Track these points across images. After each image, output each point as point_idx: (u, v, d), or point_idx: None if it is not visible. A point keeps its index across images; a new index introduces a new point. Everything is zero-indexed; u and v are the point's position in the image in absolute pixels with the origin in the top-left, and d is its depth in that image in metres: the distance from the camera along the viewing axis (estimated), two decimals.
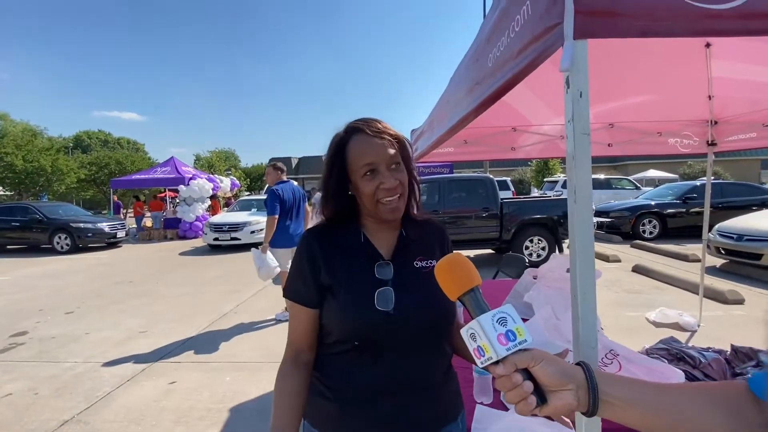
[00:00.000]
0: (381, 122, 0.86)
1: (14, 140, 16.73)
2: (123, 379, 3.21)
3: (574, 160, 0.57)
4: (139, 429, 2.52)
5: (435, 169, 13.41)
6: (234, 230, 10.14)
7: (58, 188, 18.23)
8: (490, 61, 0.97)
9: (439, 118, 2.05)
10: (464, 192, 7.34)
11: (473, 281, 0.59)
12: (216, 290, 6.04)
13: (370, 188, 0.82)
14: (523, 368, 0.50)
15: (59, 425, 2.59)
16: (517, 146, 4.16)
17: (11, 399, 2.95)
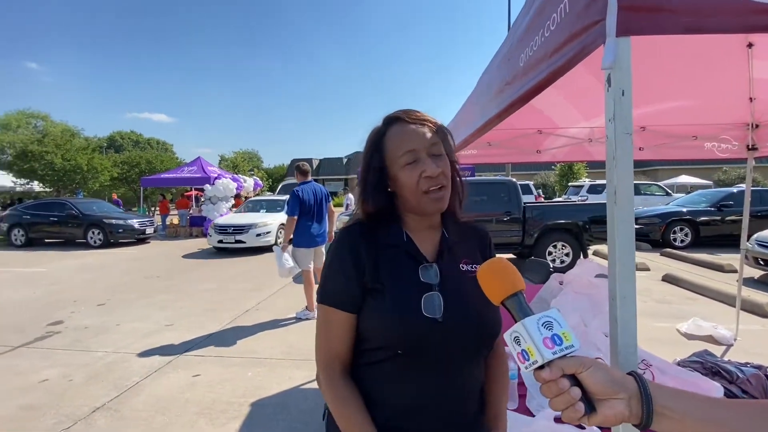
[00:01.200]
0: (421, 112, 0.81)
1: (54, 140, 17.64)
2: (150, 369, 3.32)
3: (615, 160, 0.55)
4: (165, 419, 2.60)
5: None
6: (239, 232, 9.49)
7: (92, 186, 19.07)
8: (521, 61, 0.96)
9: (466, 119, 2.04)
10: (486, 195, 7.24)
11: (517, 285, 0.57)
12: (239, 287, 6.18)
13: (413, 178, 0.76)
14: (570, 374, 0.48)
15: (91, 411, 2.70)
16: (543, 149, 4.08)
17: (47, 384, 3.11)
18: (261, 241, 9.52)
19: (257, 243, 9.47)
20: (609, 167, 0.56)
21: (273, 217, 10.26)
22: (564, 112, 3.18)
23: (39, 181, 17.30)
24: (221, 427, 2.50)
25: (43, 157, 16.35)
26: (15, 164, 17.13)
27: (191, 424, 2.55)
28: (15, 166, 17.12)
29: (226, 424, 2.54)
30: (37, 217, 11.43)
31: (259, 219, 9.96)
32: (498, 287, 0.58)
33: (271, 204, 11.48)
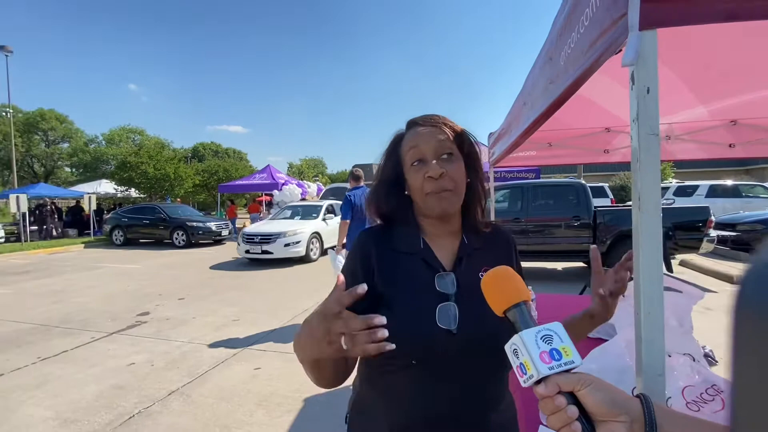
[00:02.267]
0: (441, 117, 0.80)
1: (148, 152, 20.07)
2: (218, 360, 3.62)
3: (639, 162, 0.50)
4: (228, 407, 2.82)
5: (519, 174, 12.69)
6: (266, 242, 8.59)
7: (178, 192, 21.33)
8: (562, 59, 0.91)
9: (516, 120, 1.96)
10: (551, 199, 6.82)
11: (521, 295, 0.55)
12: (299, 287, 6.50)
13: (418, 179, 0.77)
14: (569, 392, 0.45)
15: (167, 394, 3.02)
16: (612, 148, 3.76)
17: (134, 368, 3.53)
18: (290, 252, 8.58)
19: (285, 254, 8.56)
20: (633, 170, 0.52)
21: (305, 225, 9.37)
22: None
23: (135, 188, 19.75)
24: (276, 419, 2.65)
25: (138, 167, 18.65)
26: (116, 173, 19.79)
27: (250, 413, 2.73)
28: (116, 175, 19.76)
29: (281, 416, 2.69)
30: (133, 220, 13.08)
31: (289, 227, 8.99)
32: (500, 297, 0.56)
33: (308, 210, 10.52)
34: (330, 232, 9.80)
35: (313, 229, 9.41)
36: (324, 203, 10.66)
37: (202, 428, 2.57)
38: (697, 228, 6.07)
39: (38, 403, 2.93)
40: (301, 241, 8.83)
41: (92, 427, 2.61)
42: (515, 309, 0.54)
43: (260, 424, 2.60)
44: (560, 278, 6.76)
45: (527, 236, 6.55)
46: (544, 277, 6.71)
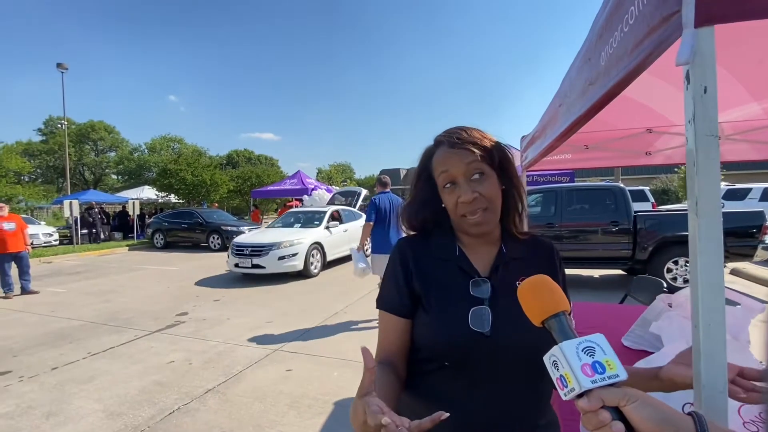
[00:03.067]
0: (467, 130, 0.80)
1: (186, 159, 21.08)
2: (252, 361, 3.72)
3: (695, 166, 0.48)
4: (262, 407, 2.89)
5: (552, 177, 12.30)
6: (257, 254, 7.40)
7: (214, 197, 22.22)
8: (602, 60, 0.88)
9: (551, 123, 1.91)
10: (587, 203, 6.56)
11: (560, 306, 0.54)
12: (329, 290, 6.59)
13: (451, 202, 0.79)
14: (614, 407, 0.44)
15: (204, 392, 3.13)
16: (654, 150, 3.59)
17: (173, 365, 3.69)
18: (285, 266, 7.39)
19: (279, 268, 7.36)
20: (689, 174, 0.49)
21: (304, 235, 8.02)
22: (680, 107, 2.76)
23: (175, 194, 20.75)
24: (308, 421, 2.69)
25: (177, 174, 19.60)
26: (158, 180, 20.88)
27: (282, 414, 2.79)
28: (158, 181, 20.85)
29: (312, 418, 2.72)
30: (173, 224, 13.72)
31: (284, 237, 7.72)
32: (537, 306, 0.55)
33: (309, 217, 9.21)
34: (334, 241, 8.72)
35: (314, 238, 8.08)
36: (328, 209, 9.49)
37: (236, 426, 2.64)
38: (751, 234, 5.65)
39: (88, 396, 3.12)
40: (299, 253, 7.54)
41: (136, 421, 2.75)
42: (553, 319, 0.53)
43: (292, 425, 2.65)
44: (597, 286, 6.48)
45: (561, 242, 6.34)
46: (580, 285, 6.45)
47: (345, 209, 10.36)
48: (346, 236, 9.23)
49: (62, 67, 19.08)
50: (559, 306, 0.53)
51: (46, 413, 2.88)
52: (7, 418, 2.82)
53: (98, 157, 43.34)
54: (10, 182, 18.63)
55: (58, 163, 37.44)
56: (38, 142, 39.47)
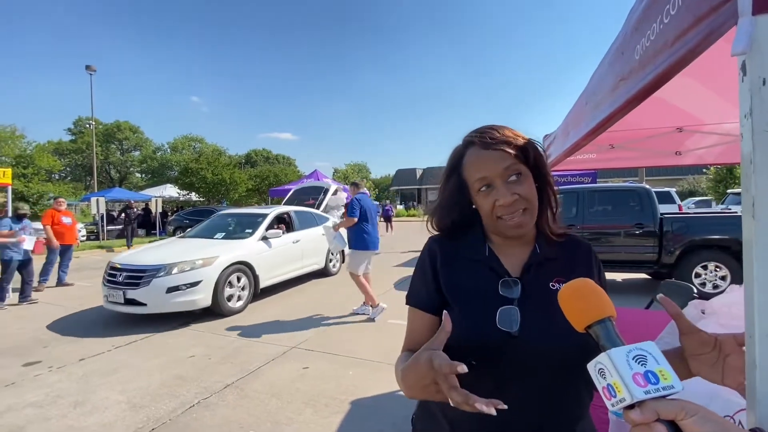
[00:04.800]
0: (499, 129, 0.78)
1: (207, 158, 21.57)
2: (269, 358, 3.76)
3: (752, 164, 0.44)
4: (279, 403, 2.91)
5: (573, 178, 12.01)
6: (132, 284, 4.74)
7: (233, 196, 22.65)
8: (637, 53, 0.84)
9: (576, 121, 1.85)
10: (610, 205, 6.39)
11: (605, 311, 0.51)
12: (345, 290, 6.60)
13: (487, 205, 0.76)
14: (669, 420, 0.41)
15: (223, 387, 3.18)
16: (684, 150, 3.45)
17: (193, 360, 3.77)
18: (176, 304, 4.73)
19: (167, 307, 4.72)
20: (745, 173, 0.45)
21: (219, 250, 5.28)
22: (712, 105, 2.64)
23: (195, 192, 21.24)
24: (324, 419, 2.69)
25: (198, 173, 20.05)
26: (179, 179, 21.41)
27: (299, 411, 2.80)
28: (179, 180, 21.38)
29: (329, 417, 2.72)
30: (193, 222, 14.03)
31: (180, 256, 5.01)
32: (581, 311, 0.52)
33: (244, 222, 6.49)
34: (275, 259, 6.07)
35: (237, 256, 5.35)
36: (271, 211, 6.59)
37: (254, 422, 2.67)
38: None
39: (112, 387, 3.21)
40: (203, 281, 4.83)
41: (158, 413, 2.81)
42: (599, 325, 0.50)
43: (308, 423, 2.66)
44: (620, 290, 6.30)
45: None
46: (612, 290, 6.25)
47: (302, 211, 7.58)
48: (296, 250, 6.56)
49: (91, 69, 19.79)
50: (605, 311, 0.51)
51: (73, 403, 2.98)
52: (37, 407, 2.93)
53: (123, 156, 44.78)
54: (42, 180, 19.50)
55: (86, 161, 38.84)
56: (68, 142, 41.08)
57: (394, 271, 8.26)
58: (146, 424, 2.67)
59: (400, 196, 43.40)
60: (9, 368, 3.63)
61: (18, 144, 34.00)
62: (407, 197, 42.56)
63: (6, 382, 3.35)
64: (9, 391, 3.18)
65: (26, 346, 4.18)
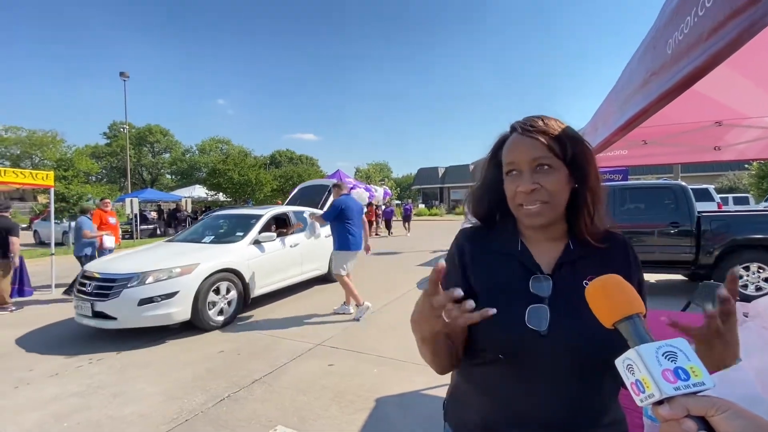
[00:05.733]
0: (545, 119, 0.77)
1: (233, 160, 22.17)
2: (295, 354, 3.85)
3: None
4: (305, 399, 2.98)
5: (603, 175, 11.55)
6: (101, 294, 4.25)
7: (258, 196, 23.18)
8: (669, 47, 0.81)
9: (605, 117, 1.80)
10: (643, 203, 6.14)
11: (633, 307, 0.51)
12: (370, 287, 6.63)
13: (511, 190, 0.77)
14: (699, 417, 0.41)
15: (251, 382, 3.28)
16: (724, 145, 3.29)
17: (223, 355, 3.90)
18: (149, 318, 4.21)
19: (139, 321, 4.21)
20: None
21: (201, 256, 4.75)
22: (754, 98, 2.51)
23: (223, 192, 21.88)
24: (349, 416, 2.73)
25: (225, 174, 20.64)
26: (207, 179, 22.11)
27: (325, 407, 2.85)
28: (207, 181, 22.08)
29: (354, 414, 2.76)
30: None
31: (160, 263, 4.47)
32: (608, 307, 0.52)
33: (236, 223, 5.94)
34: (268, 265, 5.53)
35: (223, 263, 4.83)
36: (266, 212, 6.02)
37: (282, 416, 2.74)
38: None
39: (148, 380, 3.37)
40: (179, 291, 4.32)
41: (190, 405, 2.93)
42: (627, 322, 0.50)
43: (334, 419, 2.70)
44: (654, 292, 6.05)
45: None
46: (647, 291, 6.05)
47: (303, 211, 6.62)
48: (295, 255, 5.95)
49: (124, 76, 20.71)
50: (633, 308, 0.51)
51: (112, 393, 3.15)
52: (79, 396, 3.11)
53: (155, 159, 46.64)
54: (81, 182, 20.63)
55: (121, 164, 40.69)
56: (103, 145, 43.15)
57: (417, 271, 8.25)
58: (180, 415, 2.79)
59: (422, 195, 43.21)
60: (53, 360, 3.87)
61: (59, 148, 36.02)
62: (429, 196, 42.32)
63: (51, 372, 3.57)
64: (54, 381, 3.39)
65: (68, 339, 4.44)
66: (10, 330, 4.81)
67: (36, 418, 2.80)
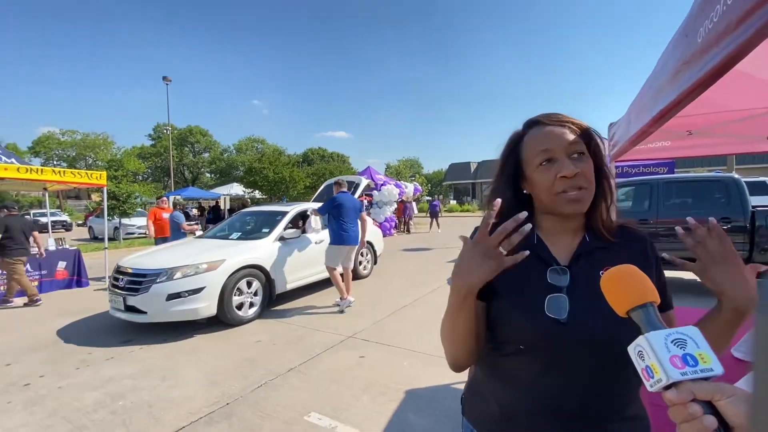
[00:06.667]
0: (564, 115, 0.79)
1: (268, 158, 22.85)
2: (327, 346, 3.97)
3: None
4: (338, 388, 3.08)
5: (647, 168, 10.95)
6: (132, 289, 4.42)
7: (292, 193, 23.79)
8: (700, 36, 0.80)
9: (639, 108, 1.74)
10: (690, 197, 5.79)
11: (647, 296, 0.53)
12: (398, 283, 6.71)
13: (547, 179, 0.76)
14: (706, 401, 0.42)
15: (287, 370, 3.43)
16: None
17: (260, 344, 4.09)
18: (175, 313, 4.35)
19: (166, 316, 4.35)
20: None
21: (227, 253, 4.83)
22: None
23: (259, 190, 22.62)
24: (380, 406, 2.81)
25: (261, 172, 21.32)
26: (244, 178, 22.93)
27: (356, 397, 2.94)
28: (244, 179, 22.89)
29: (384, 404, 2.83)
30: None
31: (187, 259, 4.60)
32: (622, 295, 0.53)
33: (262, 221, 6.10)
34: (294, 261, 5.57)
35: (247, 259, 4.91)
36: (291, 209, 6.07)
37: (315, 404, 2.86)
38: None
39: (192, 366, 3.60)
40: (206, 287, 4.43)
41: (231, 390, 3.11)
42: (640, 310, 0.52)
43: (365, 408, 2.79)
44: (701, 291, 5.67)
45: (657, 240, 5.63)
46: (680, 289, 5.73)
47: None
48: (320, 251, 5.71)
49: (167, 80, 21.84)
50: (646, 296, 0.52)
51: (161, 377, 3.40)
52: (132, 378, 3.38)
53: (195, 158, 48.89)
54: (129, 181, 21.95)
55: (164, 164, 43.00)
56: (149, 146, 45.73)
57: (448, 267, 8.21)
58: (221, 399, 2.97)
59: (453, 191, 42.66)
60: (109, 345, 4.21)
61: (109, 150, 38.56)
62: (461, 192, 41.71)
63: (107, 356, 3.90)
64: (110, 364, 3.70)
65: (120, 327, 4.80)
66: (69, 317, 5.27)
67: (96, 396, 3.08)
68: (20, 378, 3.45)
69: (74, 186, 8.29)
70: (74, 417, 2.79)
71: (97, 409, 2.89)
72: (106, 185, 7.80)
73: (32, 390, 3.22)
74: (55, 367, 3.67)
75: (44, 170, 6.68)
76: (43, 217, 20.23)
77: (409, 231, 17.05)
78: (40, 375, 3.49)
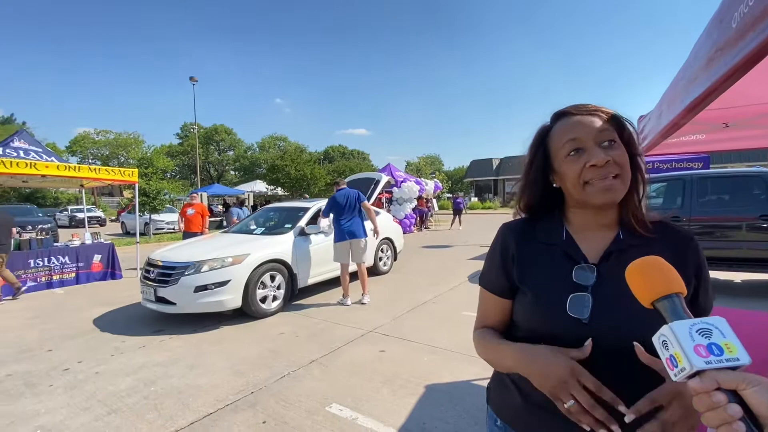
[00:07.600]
0: (593, 105, 0.77)
1: (290, 156, 23.23)
2: (348, 339, 4.03)
3: None
4: (358, 380, 3.13)
5: (680, 163, 10.46)
6: (163, 281, 4.60)
7: (313, 190, 24.11)
8: (734, 21, 0.77)
9: (671, 98, 1.68)
10: (726, 193, 5.52)
11: (673, 287, 0.52)
12: (418, 280, 6.71)
13: (575, 170, 0.73)
14: (731, 390, 0.42)
15: (309, 362, 3.50)
16: None
17: (283, 336, 4.18)
18: (203, 304, 4.50)
19: (194, 307, 4.51)
20: None
21: (251, 247, 4.97)
22: None
23: (281, 187, 23.04)
24: (400, 399, 2.83)
25: (283, 169, 21.69)
26: (267, 175, 23.38)
27: (376, 390, 2.98)
28: (267, 176, 23.35)
29: (404, 398, 2.85)
30: None
31: (214, 253, 4.74)
32: (647, 286, 0.53)
33: (285, 216, 6.28)
34: (316, 256, 5.72)
35: (271, 254, 5.03)
36: (313, 205, 6.27)
37: (336, 395, 2.91)
38: None
39: (218, 355, 3.73)
40: (231, 280, 4.58)
41: (256, 380, 3.20)
42: (665, 300, 0.52)
43: (385, 401, 2.82)
44: (738, 292, 5.47)
45: None
46: (716, 290, 5.49)
47: None
48: None
49: (193, 80, 22.47)
50: (672, 287, 0.51)
51: (189, 365, 3.53)
52: (162, 366, 3.53)
53: (220, 156, 50.15)
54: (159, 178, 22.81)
55: (191, 161, 44.29)
56: (176, 145, 47.22)
57: (469, 264, 8.15)
58: (246, 388, 3.07)
59: (474, 188, 42.14)
60: (141, 334, 4.41)
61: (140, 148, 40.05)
62: (482, 189, 41.15)
63: (139, 345, 4.08)
64: (142, 352, 3.87)
65: (155, 317, 5.01)
66: (105, 307, 5.54)
67: (129, 382, 3.24)
68: (61, 363, 3.66)
69: (108, 183, 8.67)
70: (110, 400, 2.94)
71: (130, 393, 3.04)
72: (137, 182, 8.12)
73: (71, 374, 3.41)
74: (91, 353, 3.88)
75: (81, 168, 7.03)
76: (80, 213, 21.25)
77: (428, 228, 16.97)
78: (79, 361, 3.70)
